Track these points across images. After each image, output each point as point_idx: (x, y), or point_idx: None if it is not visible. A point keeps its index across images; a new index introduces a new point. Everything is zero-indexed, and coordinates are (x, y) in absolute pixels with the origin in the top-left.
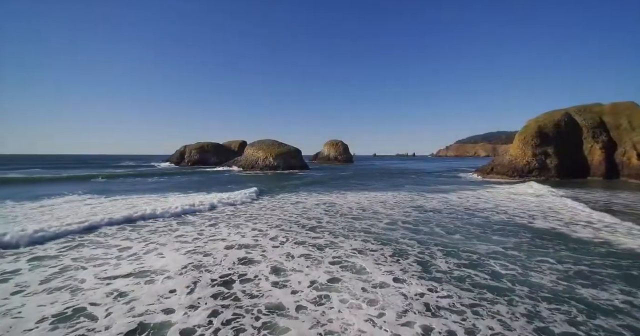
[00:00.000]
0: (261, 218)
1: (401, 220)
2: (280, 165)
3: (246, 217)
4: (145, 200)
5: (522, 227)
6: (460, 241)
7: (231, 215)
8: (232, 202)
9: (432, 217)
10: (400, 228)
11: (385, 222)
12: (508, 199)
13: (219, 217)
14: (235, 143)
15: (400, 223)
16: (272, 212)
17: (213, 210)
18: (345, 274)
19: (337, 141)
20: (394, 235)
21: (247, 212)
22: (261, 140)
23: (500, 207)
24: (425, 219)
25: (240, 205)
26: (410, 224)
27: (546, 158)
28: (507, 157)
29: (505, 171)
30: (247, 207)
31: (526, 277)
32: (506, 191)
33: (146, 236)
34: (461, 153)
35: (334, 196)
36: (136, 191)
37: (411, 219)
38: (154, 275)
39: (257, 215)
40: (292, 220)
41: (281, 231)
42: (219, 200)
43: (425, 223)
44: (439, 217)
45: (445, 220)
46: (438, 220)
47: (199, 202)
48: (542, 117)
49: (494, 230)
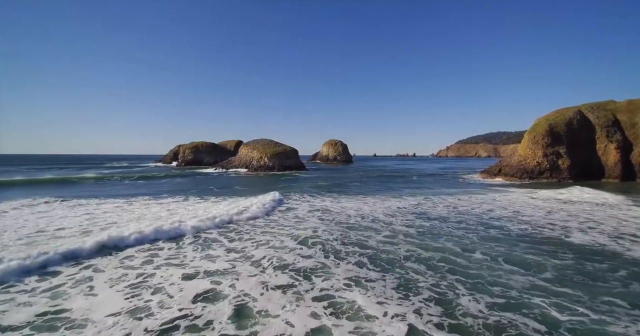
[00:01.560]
0: (241, 230)
1: (403, 232)
2: (275, 166)
3: (220, 231)
4: (108, 207)
5: (558, 244)
6: (483, 264)
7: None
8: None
9: (440, 228)
10: (403, 243)
11: (385, 234)
12: (527, 205)
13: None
14: (231, 143)
15: (402, 236)
16: (255, 220)
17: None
18: (337, 322)
19: (336, 141)
20: (396, 253)
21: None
22: (256, 140)
23: (521, 215)
24: (432, 230)
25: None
26: (415, 238)
27: (558, 158)
28: (516, 157)
29: (514, 173)
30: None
31: (602, 327)
32: (523, 195)
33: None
34: (462, 153)
35: (328, 201)
36: (104, 195)
37: (415, 231)
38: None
39: (236, 227)
40: (281, 232)
41: (262, 247)
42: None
43: (433, 237)
44: (448, 227)
45: (457, 233)
46: (448, 233)
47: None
48: (553, 115)
49: (523, 248)
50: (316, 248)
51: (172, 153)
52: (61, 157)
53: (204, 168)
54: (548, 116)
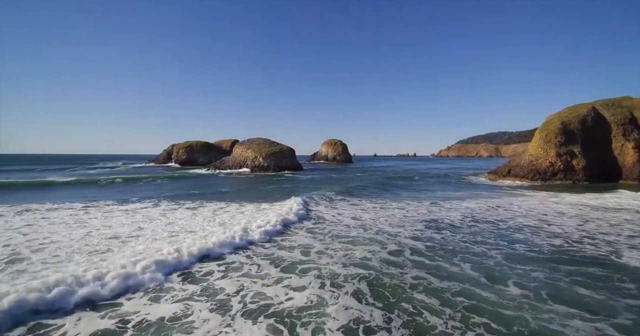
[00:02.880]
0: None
1: (410, 246)
2: (271, 166)
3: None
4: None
5: (611, 267)
6: (521, 302)
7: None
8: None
9: (453, 242)
10: (410, 264)
11: (390, 249)
12: (551, 211)
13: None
14: (227, 142)
15: (408, 252)
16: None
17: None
18: None
19: (335, 140)
20: (403, 279)
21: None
22: (251, 139)
23: (547, 225)
24: (444, 245)
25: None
26: (425, 257)
27: (572, 159)
28: (526, 157)
29: (524, 174)
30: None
31: None
32: (543, 199)
33: None
34: (463, 153)
35: (322, 206)
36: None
37: (424, 246)
38: None
39: (197, 270)
40: (259, 253)
41: (233, 276)
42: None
43: (446, 255)
44: (463, 241)
45: (475, 249)
46: (464, 249)
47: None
48: (566, 112)
49: (567, 274)
50: (310, 275)
51: (166, 153)
52: (58, 157)
53: (197, 168)
54: (560, 113)
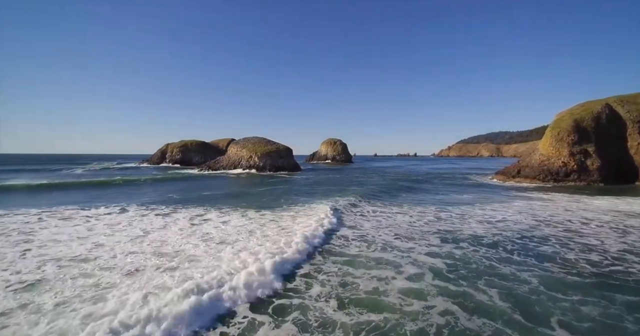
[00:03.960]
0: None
1: (429, 265)
2: (266, 166)
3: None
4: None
5: None
6: None
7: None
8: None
9: (476, 259)
10: (434, 291)
11: (407, 273)
12: (579, 219)
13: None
14: (223, 142)
15: (429, 276)
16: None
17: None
18: None
19: (335, 140)
20: (427, 318)
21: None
22: (247, 138)
23: (579, 236)
24: (467, 264)
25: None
26: (447, 281)
27: (586, 158)
28: (537, 157)
29: (536, 174)
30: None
31: None
32: (566, 203)
33: None
34: (464, 153)
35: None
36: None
37: (444, 265)
38: None
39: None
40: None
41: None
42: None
43: (470, 277)
44: (487, 258)
45: (503, 269)
46: (489, 268)
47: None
48: (578, 109)
49: (628, 308)
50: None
51: (160, 152)
52: (58, 157)
53: (191, 168)
54: (572, 110)
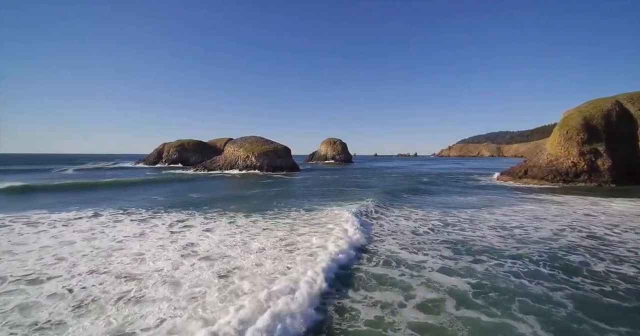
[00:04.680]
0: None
1: (449, 288)
2: (264, 166)
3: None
4: None
5: None
6: None
7: None
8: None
9: (502, 277)
10: (462, 327)
11: (418, 299)
12: (604, 224)
13: None
14: (221, 141)
15: (450, 304)
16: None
17: None
18: None
19: (335, 139)
20: None
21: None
22: (244, 137)
23: (605, 245)
24: (495, 284)
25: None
26: (482, 312)
27: (596, 158)
28: (545, 156)
29: (544, 175)
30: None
31: None
32: (579, 205)
33: None
34: (464, 153)
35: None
36: None
37: (467, 285)
38: None
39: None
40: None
41: None
42: None
43: (501, 302)
44: (513, 271)
45: (533, 287)
46: (518, 286)
47: None
48: (587, 106)
49: None
50: None
51: (157, 152)
52: (58, 156)
53: (187, 168)
54: (580, 108)
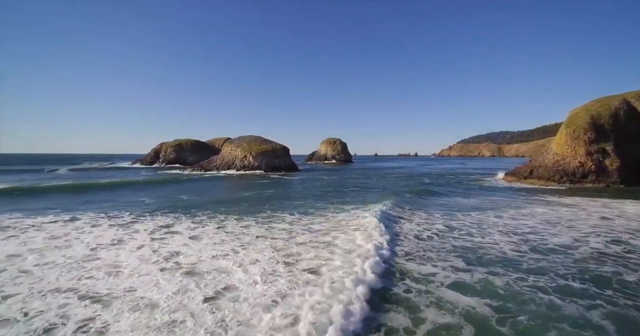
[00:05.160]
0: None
1: (464, 309)
2: (262, 166)
3: None
4: None
5: None
6: None
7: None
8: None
9: (534, 295)
10: None
11: (433, 326)
12: (623, 228)
13: None
14: (219, 141)
15: (467, 333)
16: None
17: None
18: None
19: (335, 139)
20: None
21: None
22: (242, 137)
23: (627, 252)
24: (525, 307)
25: None
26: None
27: (604, 158)
28: (551, 156)
29: (550, 175)
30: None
31: None
32: (594, 208)
33: None
34: (465, 153)
35: (299, 226)
36: None
37: (486, 307)
38: None
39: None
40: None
41: None
42: None
43: (535, 330)
44: (538, 286)
45: (566, 306)
46: (550, 307)
47: None
48: (594, 104)
49: None
50: None
51: (154, 152)
52: (58, 156)
53: (183, 169)
54: (587, 106)
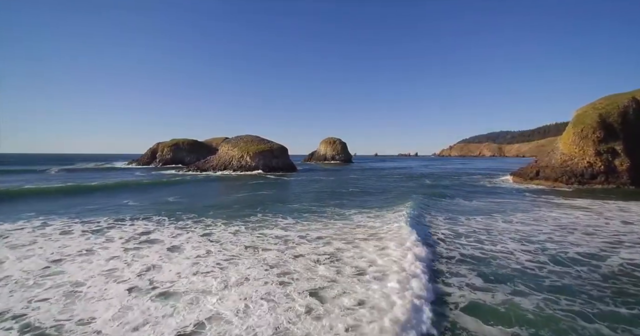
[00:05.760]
0: None
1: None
2: (259, 166)
3: None
4: None
5: None
6: None
7: None
8: None
9: (575, 322)
10: None
11: None
12: None
13: None
14: (217, 140)
15: None
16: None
17: None
18: None
19: (334, 139)
20: None
21: None
22: (239, 136)
23: None
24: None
25: None
26: None
27: (614, 158)
28: (558, 156)
29: (557, 176)
30: None
31: None
32: (611, 211)
33: None
34: (465, 153)
35: (294, 231)
36: None
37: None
38: None
39: None
40: None
41: None
42: None
43: None
44: (592, 318)
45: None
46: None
47: None
48: (602, 102)
49: None
50: None
51: (151, 151)
52: (52, 156)
53: (180, 169)
54: (595, 104)
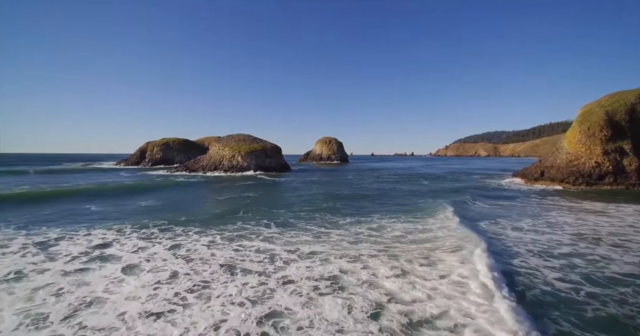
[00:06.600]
0: None
1: None
2: (251, 166)
3: None
4: None
5: None
6: None
7: None
8: None
9: None
10: None
11: None
12: None
13: None
14: (209, 139)
15: None
16: None
17: None
18: None
19: (330, 138)
20: None
21: None
22: (231, 135)
23: None
24: None
25: None
26: None
27: (622, 157)
28: (563, 156)
29: (564, 177)
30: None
31: None
32: (631, 217)
33: None
34: (461, 152)
35: (285, 244)
36: None
37: None
38: None
39: None
40: None
41: None
42: None
43: None
44: None
45: None
46: None
47: None
48: (608, 100)
49: None
50: None
51: (140, 151)
52: (52, 156)
53: (169, 170)
54: (601, 102)
